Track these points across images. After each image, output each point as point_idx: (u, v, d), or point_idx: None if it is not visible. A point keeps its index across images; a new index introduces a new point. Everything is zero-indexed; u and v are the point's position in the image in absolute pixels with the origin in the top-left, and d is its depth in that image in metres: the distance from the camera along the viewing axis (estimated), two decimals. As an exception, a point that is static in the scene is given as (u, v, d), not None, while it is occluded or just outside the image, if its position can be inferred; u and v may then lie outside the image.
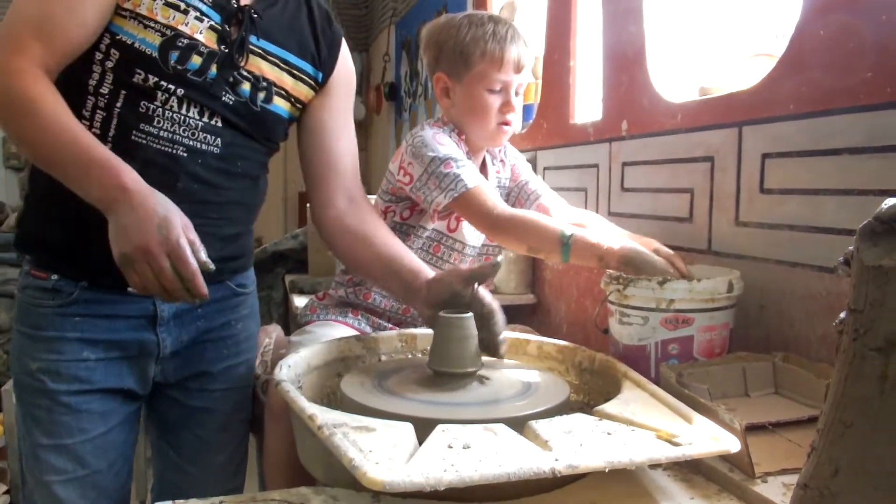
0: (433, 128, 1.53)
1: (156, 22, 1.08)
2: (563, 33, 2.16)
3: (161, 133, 1.12)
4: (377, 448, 0.78)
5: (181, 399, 1.29)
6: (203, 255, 0.98)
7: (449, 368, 1.06)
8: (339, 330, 1.45)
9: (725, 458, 0.92)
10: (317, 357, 1.20)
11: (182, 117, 1.13)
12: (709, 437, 0.84)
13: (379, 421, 0.87)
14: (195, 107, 1.14)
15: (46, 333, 1.14)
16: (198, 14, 1.11)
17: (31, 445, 1.16)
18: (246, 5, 1.17)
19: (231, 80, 1.16)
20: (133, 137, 1.11)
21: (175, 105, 1.12)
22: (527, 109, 2.61)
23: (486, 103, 1.49)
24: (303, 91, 1.27)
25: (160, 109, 1.11)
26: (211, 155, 1.17)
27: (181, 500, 0.85)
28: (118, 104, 1.10)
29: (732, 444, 0.83)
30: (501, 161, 1.69)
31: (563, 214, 1.61)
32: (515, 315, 2.26)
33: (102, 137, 1.09)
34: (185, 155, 1.14)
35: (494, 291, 2.34)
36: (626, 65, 1.77)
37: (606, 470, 0.77)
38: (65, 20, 1.03)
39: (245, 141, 1.22)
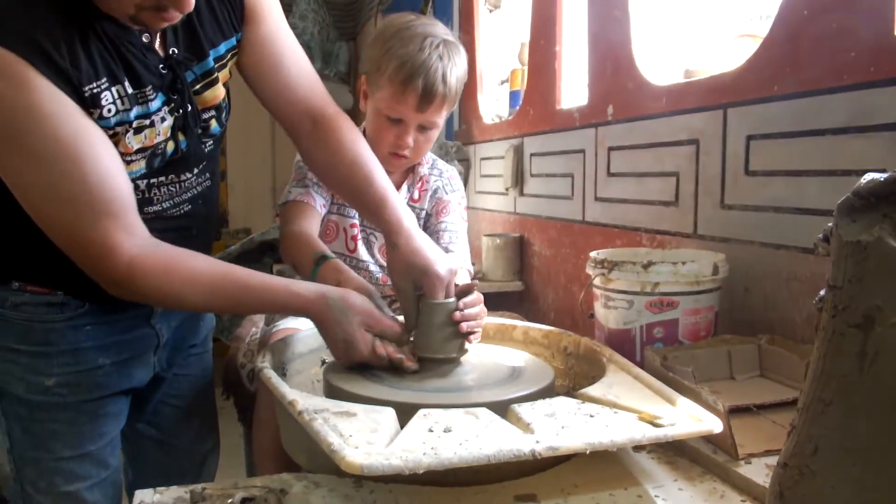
0: None
1: (134, 152, 1.02)
2: (549, 18, 2.15)
3: (164, 204, 1.12)
4: (357, 433, 0.77)
5: (164, 376, 1.30)
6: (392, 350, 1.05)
7: (433, 354, 1.05)
8: None
9: (709, 440, 0.92)
10: (301, 344, 1.20)
11: (177, 186, 1.12)
12: (691, 419, 0.84)
13: (360, 406, 0.86)
14: (183, 171, 1.12)
15: (59, 347, 1.11)
16: (160, 114, 1.04)
17: (48, 461, 1.14)
18: (172, 53, 1.05)
19: (200, 132, 1.12)
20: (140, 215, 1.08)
21: (165, 181, 1.10)
22: (513, 96, 2.60)
23: (381, 128, 1.34)
24: (234, 60, 1.17)
25: (155, 189, 1.10)
26: (206, 187, 1.18)
27: (162, 487, 0.84)
28: None
29: (714, 425, 0.82)
30: (421, 189, 1.48)
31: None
32: (503, 302, 2.26)
33: None
34: (189, 207, 1.15)
35: (483, 278, 2.33)
36: (611, 49, 1.76)
37: (587, 451, 0.76)
38: (106, 182, 0.96)
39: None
